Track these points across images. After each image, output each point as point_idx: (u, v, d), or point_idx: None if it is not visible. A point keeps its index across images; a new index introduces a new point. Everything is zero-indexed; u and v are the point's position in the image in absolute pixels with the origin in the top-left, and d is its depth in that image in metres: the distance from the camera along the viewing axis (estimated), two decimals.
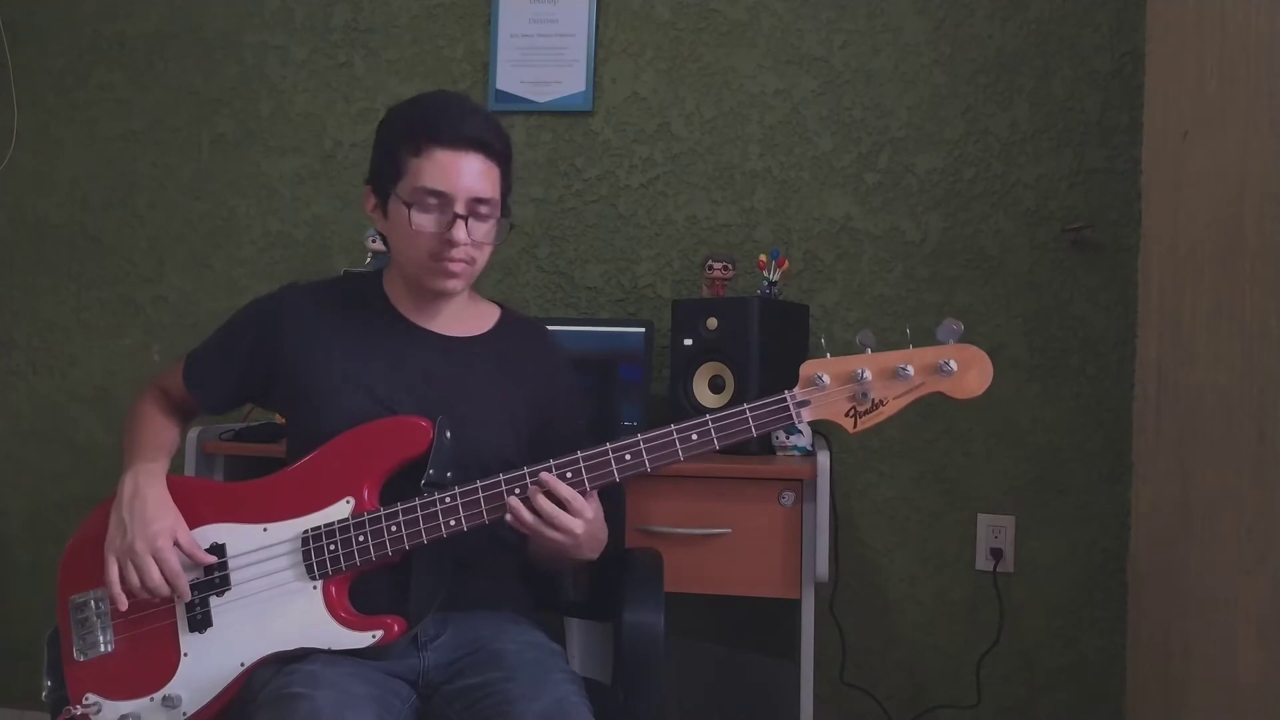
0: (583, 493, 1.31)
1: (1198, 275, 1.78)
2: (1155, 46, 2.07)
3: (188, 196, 2.48)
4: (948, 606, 2.20)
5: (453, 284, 1.43)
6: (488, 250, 1.45)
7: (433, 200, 1.38)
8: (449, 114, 1.41)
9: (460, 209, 1.39)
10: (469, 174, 1.39)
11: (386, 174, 1.42)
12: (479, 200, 1.40)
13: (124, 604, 1.33)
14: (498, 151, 1.44)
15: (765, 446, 1.92)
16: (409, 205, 1.39)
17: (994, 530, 2.17)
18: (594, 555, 1.41)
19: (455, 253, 1.39)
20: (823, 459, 1.77)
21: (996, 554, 2.16)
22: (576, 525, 1.30)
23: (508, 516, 1.31)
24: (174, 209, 2.49)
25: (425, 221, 1.39)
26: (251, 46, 2.46)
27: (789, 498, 1.76)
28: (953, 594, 2.20)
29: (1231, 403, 1.61)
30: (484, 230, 1.42)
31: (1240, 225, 1.60)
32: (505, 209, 1.47)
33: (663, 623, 1.43)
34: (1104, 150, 2.15)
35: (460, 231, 1.38)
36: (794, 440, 1.91)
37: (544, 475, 1.30)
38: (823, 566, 1.74)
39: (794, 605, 1.78)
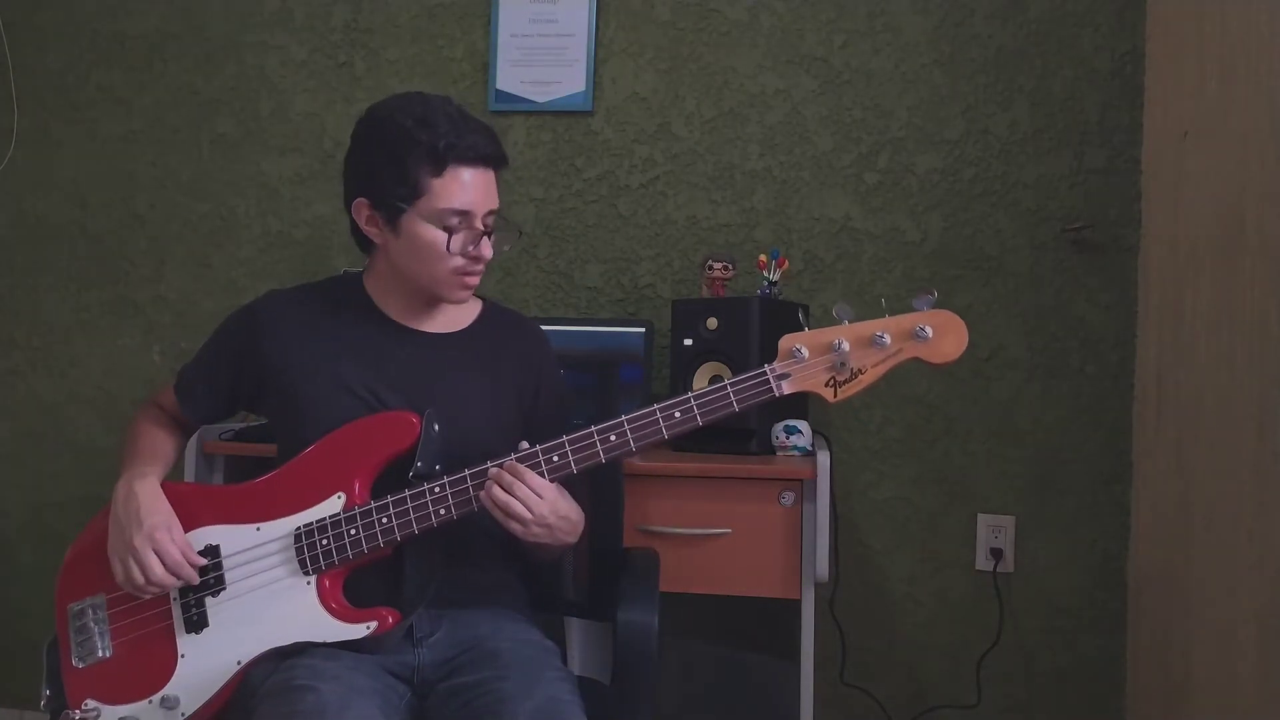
0: (569, 475, 1.32)
1: (1198, 275, 1.78)
2: (1155, 46, 2.07)
3: (188, 196, 2.48)
4: (948, 606, 2.20)
5: (466, 295, 1.48)
6: None
7: (456, 219, 1.40)
8: (461, 130, 1.40)
9: (480, 225, 1.42)
10: (487, 189, 1.42)
11: (399, 192, 1.39)
12: (492, 212, 1.44)
13: (149, 595, 1.35)
14: (504, 162, 1.47)
15: (765, 446, 1.92)
16: (443, 229, 1.39)
17: (994, 530, 2.17)
18: (572, 539, 1.40)
19: (478, 266, 1.43)
20: (823, 459, 1.77)
21: (996, 554, 2.16)
22: (537, 505, 1.29)
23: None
24: (174, 209, 2.49)
25: (457, 243, 1.40)
26: (251, 46, 2.46)
27: (789, 498, 1.76)
28: (953, 594, 2.20)
29: (1231, 403, 1.61)
30: (498, 240, 1.46)
31: (1240, 225, 1.59)
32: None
33: (657, 621, 1.43)
34: (1104, 150, 2.15)
35: (487, 248, 1.42)
36: (794, 440, 1.91)
37: (493, 470, 1.30)
38: (823, 566, 1.73)
39: (794, 605, 1.78)
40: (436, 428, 1.37)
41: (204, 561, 1.36)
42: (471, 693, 1.27)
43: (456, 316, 1.53)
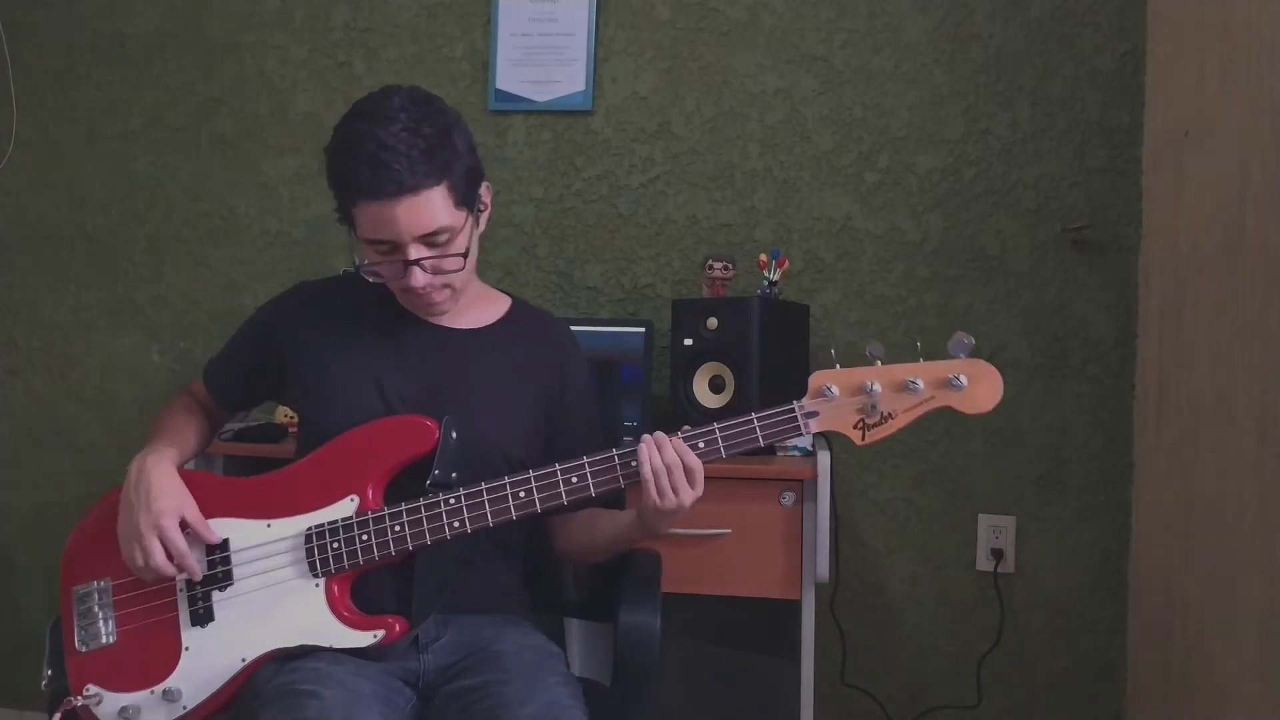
0: (587, 498, 1.32)
1: (1198, 275, 1.78)
2: (1155, 46, 2.07)
3: (187, 196, 2.48)
4: (948, 607, 2.20)
5: (436, 311, 1.44)
6: (466, 263, 1.40)
7: (383, 246, 1.35)
8: (360, 167, 1.30)
9: (411, 254, 1.33)
10: (405, 218, 1.31)
11: (343, 212, 1.39)
12: (430, 233, 1.33)
13: (162, 579, 1.33)
14: (432, 179, 1.31)
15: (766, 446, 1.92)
16: (367, 255, 1.38)
17: (994, 530, 2.17)
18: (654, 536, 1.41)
19: (420, 292, 1.37)
20: (823, 459, 1.77)
21: (997, 554, 2.16)
22: (688, 496, 1.31)
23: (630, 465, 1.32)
24: (173, 209, 2.49)
25: (385, 271, 1.37)
26: (251, 46, 2.46)
27: (789, 498, 1.76)
28: (953, 594, 2.20)
29: (1231, 403, 1.61)
30: (449, 261, 1.37)
31: (1240, 225, 1.59)
32: (471, 202, 1.39)
33: (659, 623, 1.42)
34: (1104, 150, 2.15)
35: (416, 278, 1.35)
36: (794, 440, 1.91)
37: (672, 439, 1.31)
38: (823, 567, 1.73)
39: (794, 605, 1.78)
40: (454, 435, 1.36)
41: (218, 538, 1.34)
42: (472, 696, 1.27)
43: (481, 313, 1.52)
